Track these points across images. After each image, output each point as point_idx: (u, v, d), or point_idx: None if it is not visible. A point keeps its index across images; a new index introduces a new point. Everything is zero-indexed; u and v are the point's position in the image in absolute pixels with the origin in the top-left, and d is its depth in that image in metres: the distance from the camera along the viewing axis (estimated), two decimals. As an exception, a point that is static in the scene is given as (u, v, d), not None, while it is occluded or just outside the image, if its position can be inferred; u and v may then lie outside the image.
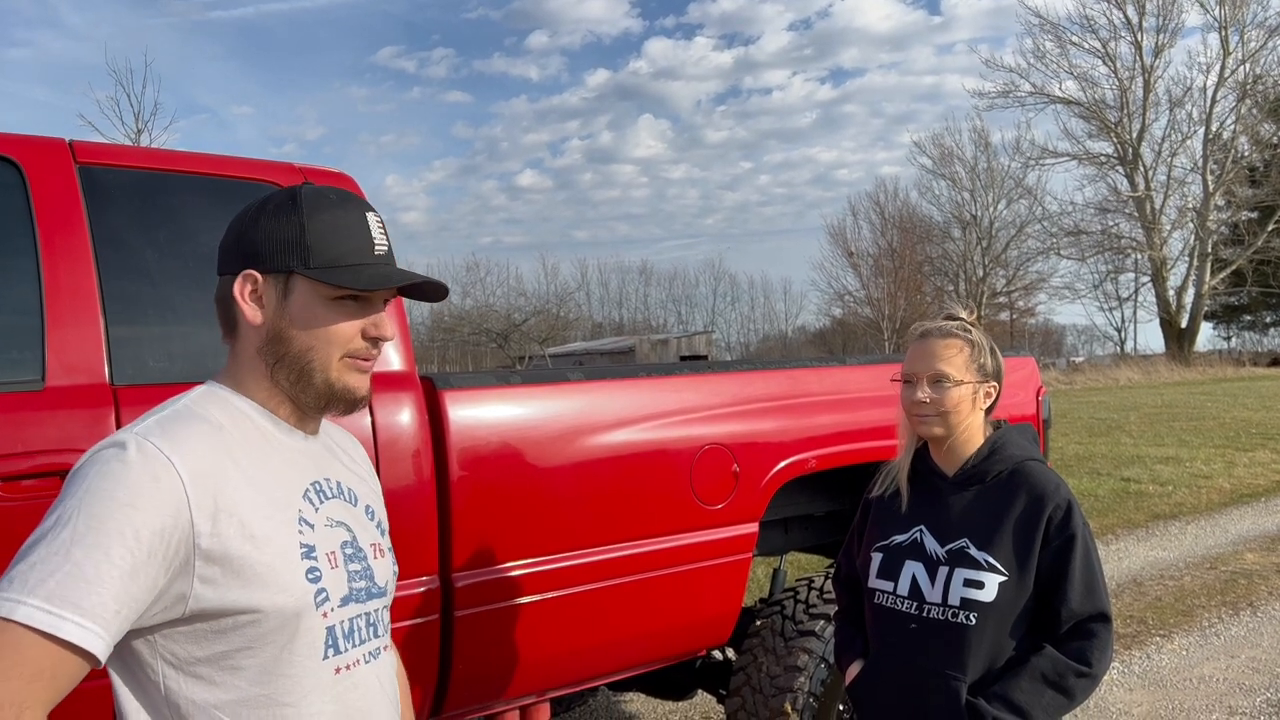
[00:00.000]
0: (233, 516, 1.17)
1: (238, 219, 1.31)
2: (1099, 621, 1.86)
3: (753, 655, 3.16)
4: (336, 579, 1.27)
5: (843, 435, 3.23)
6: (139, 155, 2.41)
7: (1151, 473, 11.07)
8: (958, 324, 1.99)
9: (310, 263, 1.25)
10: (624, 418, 2.78)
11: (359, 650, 1.31)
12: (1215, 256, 40.69)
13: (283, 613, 1.19)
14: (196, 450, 1.17)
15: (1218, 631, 5.47)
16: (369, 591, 1.34)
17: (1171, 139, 40.71)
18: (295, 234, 1.25)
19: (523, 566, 2.58)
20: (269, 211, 1.28)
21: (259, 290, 1.27)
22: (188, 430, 1.19)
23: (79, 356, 2.07)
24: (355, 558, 1.32)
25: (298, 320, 1.26)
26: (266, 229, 1.26)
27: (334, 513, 1.32)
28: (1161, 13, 39.48)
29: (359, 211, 1.31)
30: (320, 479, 1.32)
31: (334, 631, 1.26)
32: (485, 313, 42.13)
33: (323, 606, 1.24)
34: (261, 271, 1.26)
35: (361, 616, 1.32)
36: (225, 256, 1.31)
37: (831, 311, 53.33)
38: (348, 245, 1.27)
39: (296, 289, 1.26)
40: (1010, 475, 1.96)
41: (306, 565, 1.23)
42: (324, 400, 1.29)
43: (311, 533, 1.26)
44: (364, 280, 1.26)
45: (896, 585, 1.97)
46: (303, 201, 1.28)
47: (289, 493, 1.26)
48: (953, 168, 46.38)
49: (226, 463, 1.19)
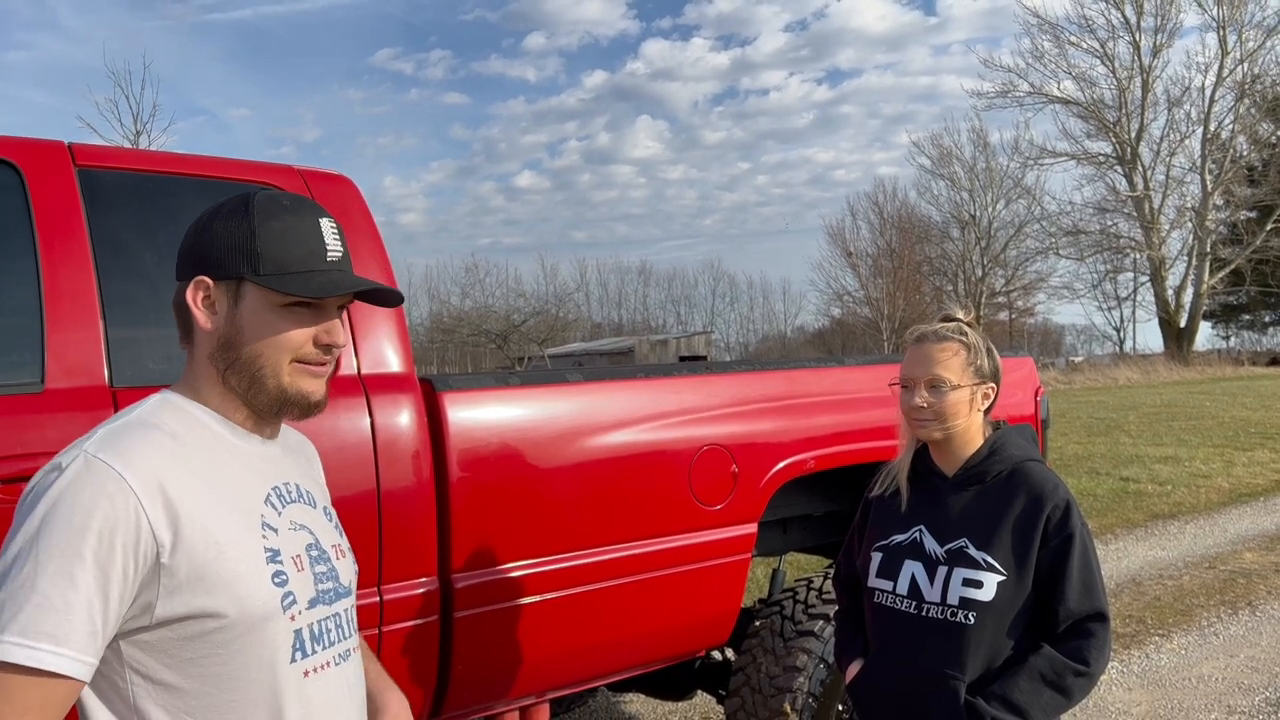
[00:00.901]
0: (193, 524, 1.16)
1: (193, 225, 1.30)
2: (1097, 621, 1.87)
3: (752, 656, 3.16)
4: (303, 582, 1.27)
5: (841, 436, 3.23)
6: (138, 158, 2.42)
7: (1150, 472, 11.08)
8: (954, 326, 1.99)
9: (260, 269, 1.24)
10: (623, 419, 2.79)
11: (329, 652, 1.30)
12: (1214, 256, 40.71)
13: (250, 617, 1.19)
14: (148, 461, 1.16)
15: (1216, 631, 5.47)
16: (336, 592, 1.34)
17: (1170, 139, 40.79)
18: (245, 240, 1.25)
19: (522, 567, 2.58)
20: (221, 217, 1.27)
21: (211, 296, 1.26)
22: (138, 441, 1.18)
23: (78, 359, 2.07)
24: (320, 559, 1.32)
25: (248, 326, 1.25)
26: (218, 234, 1.26)
27: (296, 516, 1.31)
28: (1159, 13, 39.53)
29: (312, 217, 1.30)
30: (280, 483, 1.32)
31: (302, 635, 1.26)
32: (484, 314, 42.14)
33: (290, 610, 1.24)
34: (213, 278, 1.26)
35: (330, 618, 1.32)
36: (181, 262, 1.30)
37: (830, 312, 53.43)
38: (298, 251, 1.26)
39: (247, 295, 1.25)
40: (1009, 475, 1.96)
41: (272, 569, 1.23)
42: (277, 405, 1.29)
43: (275, 537, 1.26)
44: (313, 288, 1.25)
45: (896, 585, 1.97)
46: (254, 207, 1.27)
47: (251, 498, 1.25)
48: (951, 168, 46.44)
49: (182, 471, 1.18)
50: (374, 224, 2.60)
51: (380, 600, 2.33)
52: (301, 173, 2.56)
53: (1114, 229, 42.82)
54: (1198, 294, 40.69)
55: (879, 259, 48.54)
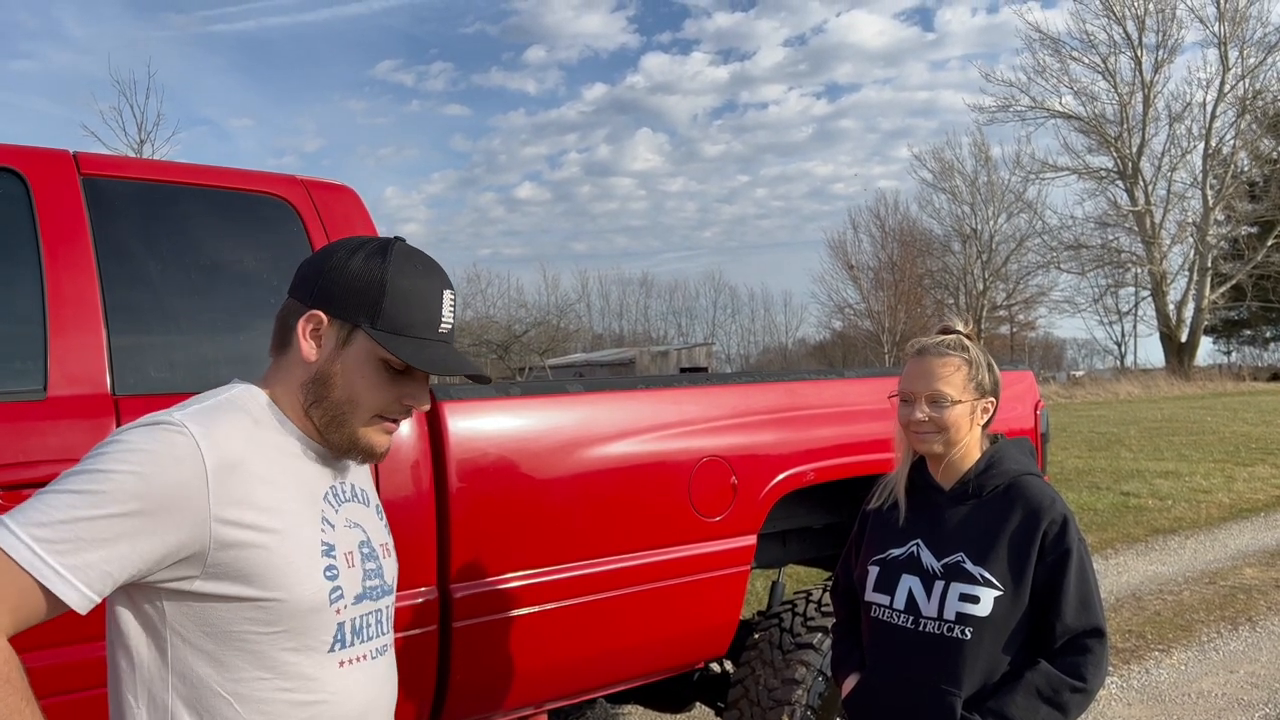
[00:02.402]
0: (255, 509, 1.21)
1: (330, 252, 1.33)
2: (1094, 637, 1.86)
3: (751, 668, 3.16)
4: (352, 578, 1.32)
5: (841, 448, 3.24)
6: (142, 167, 2.43)
7: (1151, 487, 11.06)
8: (955, 339, 1.99)
9: (377, 324, 1.28)
10: (623, 430, 2.79)
11: (366, 646, 1.35)
12: (1215, 271, 40.74)
13: (299, 607, 1.24)
14: (230, 441, 1.21)
15: (1216, 646, 5.46)
16: (380, 589, 1.39)
17: (1171, 154, 40.86)
18: (374, 291, 1.28)
19: (521, 578, 2.58)
20: (358, 257, 1.30)
21: (320, 330, 1.30)
22: (226, 421, 1.23)
23: (81, 366, 2.08)
24: (370, 557, 1.38)
25: (347, 371, 1.29)
26: (350, 274, 1.29)
27: (351, 514, 1.37)
28: (1161, 28, 39.66)
29: (438, 287, 1.33)
30: (338, 482, 1.37)
31: (344, 628, 1.30)
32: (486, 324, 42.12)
33: (337, 603, 1.29)
34: (329, 314, 1.29)
35: (372, 614, 1.37)
36: (301, 282, 1.33)
37: (832, 324, 53.43)
38: (418, 317, 1.30)
39: (356, 342, 1.29)
40: (1007, 489, 1.96)
41: (326, 563, 1.28)
42: (345, 448, 1.34)
43: (332, 532, 1.31)
44: (423, 359, 1.30)
45: (893, 599, 1.97)
46: (391, 260, 1.30)
47: (313, 492, 1.30)
48: (953, 181, 46.52)
49: (257, 458, 1.24)
50: (376, 233, 2.61)
51: (379, 610, 2.33)
52: (305, 183, 2.57)
53: (1115, 243, 42.89)
54: (1199, 309, 40.69)
55: (880, 272, 48.59)
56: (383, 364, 1.30)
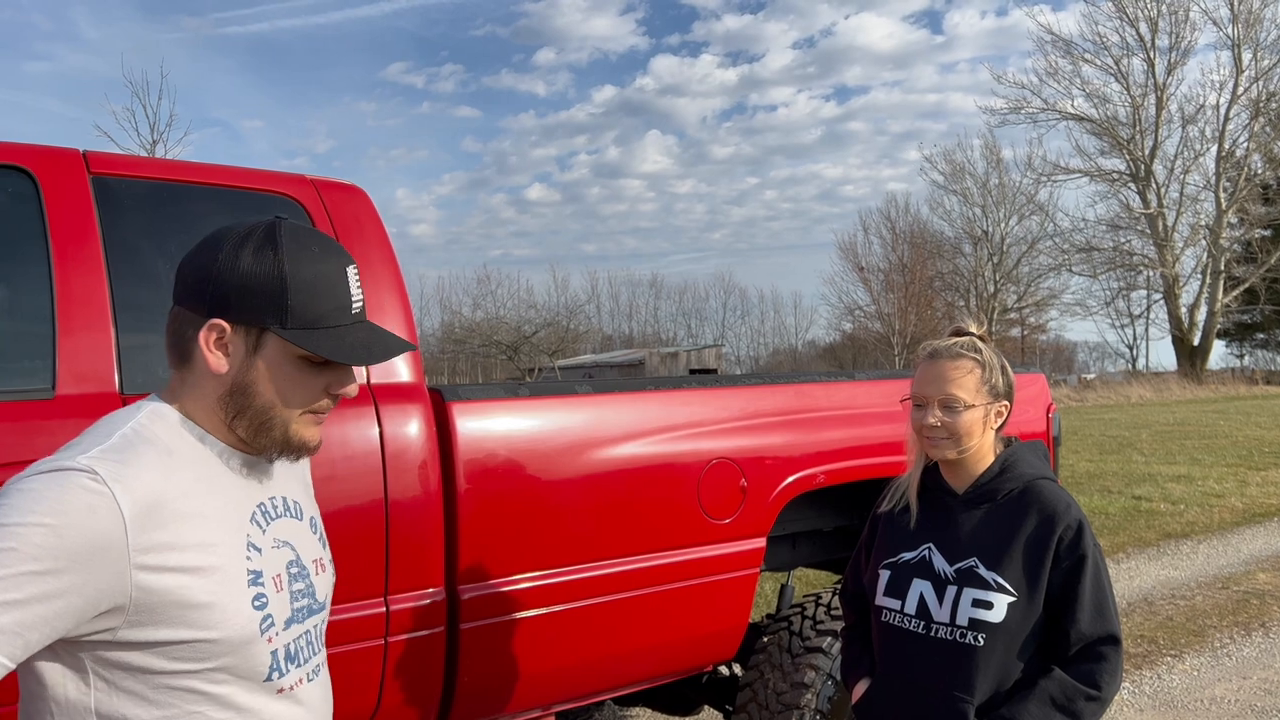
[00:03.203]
0: (178, 549, 1.12)
1: (210, 250, 1.20)
2: (1109, 644, 1.84)
3: (760, 671, 3.14)
4: (281, 602, 1.24)
5: (852, 450, 3.21)
6: (152, 166, 2.43)
7: (1163, 491, 10.99)
8: (968, 342, 1.96)
9: (288, 323, 1.18)
10: (632, 431, 2.78)
11: (302, 670, 1.28)
12: (1228, 274, 40.54)
13: (229, 642, 1.16)
14: (145, 481, 1.11)
15: (1229, 652, 5.42)
16: (310, 609, 1.31)
17: (1184, 156, 40.72)
18: (275, 288, 1.18)
19: (529, 579, 2.57)
20: (246, 254, 1.18)
21: (225, 340, 1.19)
22: (136, 459, 1.13)
23: (90, 365, 2.07)
24: (299, 576, 1.29)
25: (264, 376, 1.20)
26: (242, 275, 1.17)
27: (280, 532, 1.28)
28: (1174, 31, 39.50)
29: (340, 266, 1.24)
30: (267, 499, 1.28)
31: (278, 655, 1.22)
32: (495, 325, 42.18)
33: (268, 632, 1.20)
34: (230, 322, 1.18)
35: (303, 635, 1.29)
36: (189, 289, 1.20)
37: (842, 326, 53.36)
38: (328, 305, 1.21)
39: (268, 345, 1.19)
40: (1021, 494, 1.93)
41: (254, 593, 1.19)
42: (279, 450, 1.25)
43: (260, 557, 1.22)
44: (346, 352, 1.21)
45: (904, 604, 1.95)
46: (284, 249, 1.19)
47: (238, 517, 1.21)
48: (964, 183, 46.40)
49: (174, 493, 1.14)
50: (386, 235, 2.60)
51: (387, 610, 2.32)
52: (315, 183, 2.56)
53: (1127, 246, 42.73)
54: (1211, 312, 40.50)
55: (891, 274, 48.49)
56: (302, 360, 1.21)
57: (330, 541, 2.23)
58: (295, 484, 1.37)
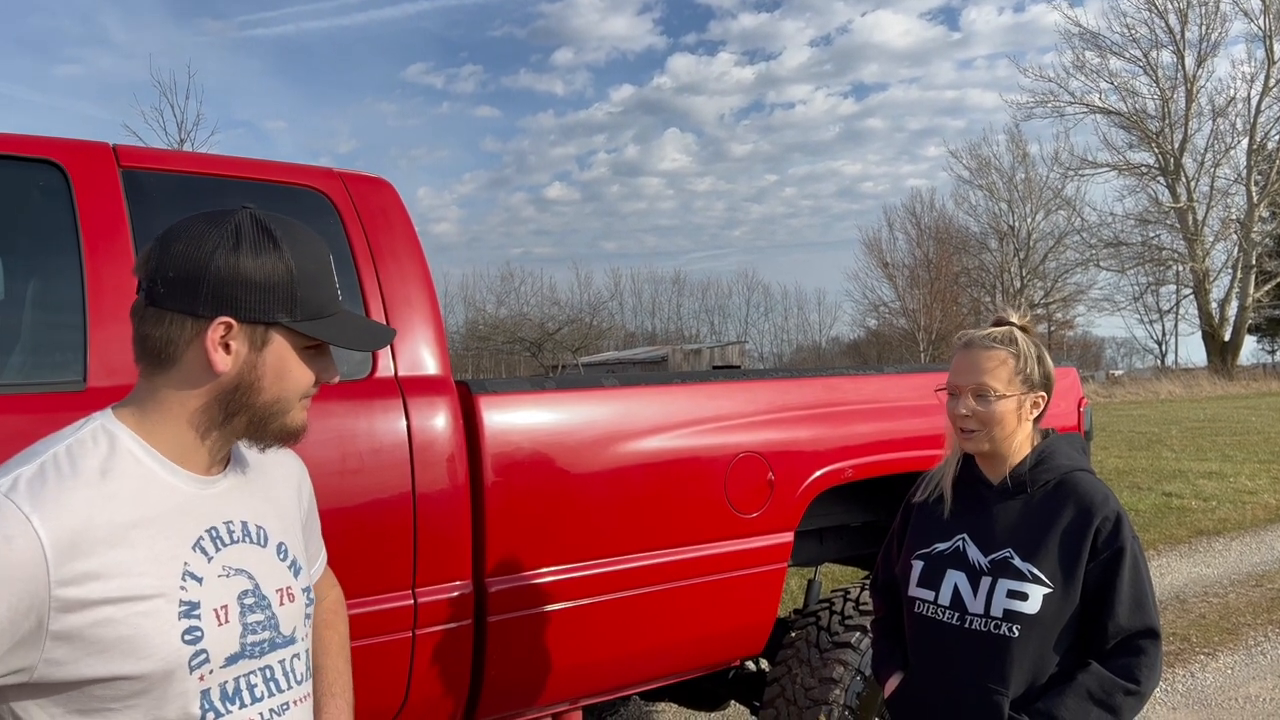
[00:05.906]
0: (99, 581, 1.06)
1: (185, 248, 1.15)
2: (1148, 638, 1.81)
3: (787, 667, 3.12)
4: (224, 636, 1.16)
5: (881, 444, 3.18)
6: (181, 159, 2.44)
7: (1194, 488, 10.85)
8: (1004, 332, 1.93)
9: (297, 315, 1.18)
10: (658, 425, 2.76)
11: (251, 709, 1.19)
12: (1259, 268, 39.95)
13: (149, 678, 1.09)
14: (67, 508, 1.06)
15: (1264, 650, 5.33)
16: (272, 643, 1.23)
17: (1214, 149, 40.11)
18: (284, 281, 1.16)
19: (556, 572, 2.56)
20: (244, 251, 1.15)
21: (229, 338, 1.16)
22: (58, 484, 1.07)
23: (120, 358, 2.08)
24: (256, 608, 1.21)
25: (271, 371, 1.18)
26: (248, 274, 1.14)
27: (233, 560, 1.20)
28: (1204, 22, 38.95)
29: (326, 251, 1.23)
30: (219, 524, 1.20)
31: (210, 695, 1.15)
32: (519, 321, 42.27)
33: (199, 670, 1.13)
34: (239, 320, 1.15)
35: (257, 672, 1.21)
36: (175, 292, 1.15)
37: (866, 323, 53.08)
38: (326, 293, 1.21)
39: (275, 339, 1.18)
40: (1057, 485, 1.91)
41: (185, 625, 1.12)
42: (274, 442, 1.23)
43: (198, 588, 1.15)
44: (353, 338, 1.21)
45: (938, 595, 1.93)
46: (283, 242, 1.17)
47: (175, 545, 1.14)
48: (989, 178, 46.03)
49: (101, 519, 1.08)
50: (413, 228, 2.60)
51: (415, 603, 2.32)
52: (342, 176, 2.57)
53: (1156, 241, 42.21)
54: (1242, 307, 39.94)
55: (916, 270, 48.18)
56: (302, 351, 1.20)
57: (358, 534, 2.24)
58: (264, 507, 1.29)
